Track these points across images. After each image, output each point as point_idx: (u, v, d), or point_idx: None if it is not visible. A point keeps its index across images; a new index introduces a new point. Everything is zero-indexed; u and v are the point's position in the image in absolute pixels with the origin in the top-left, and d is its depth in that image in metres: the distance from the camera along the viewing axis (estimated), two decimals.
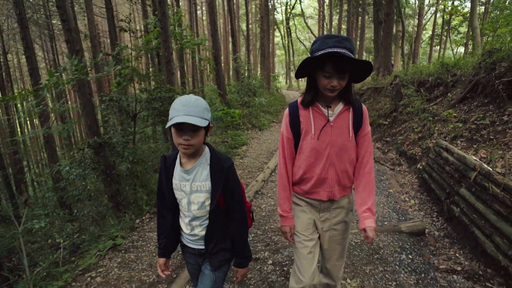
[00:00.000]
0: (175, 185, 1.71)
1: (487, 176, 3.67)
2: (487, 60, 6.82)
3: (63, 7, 4.59)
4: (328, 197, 1.89)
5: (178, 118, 1.48)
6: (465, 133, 5.91)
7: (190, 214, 1.71)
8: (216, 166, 1.67)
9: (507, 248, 2.94)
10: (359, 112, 1.84)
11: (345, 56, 1.55)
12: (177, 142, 1.57)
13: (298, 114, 1.85)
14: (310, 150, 1.84)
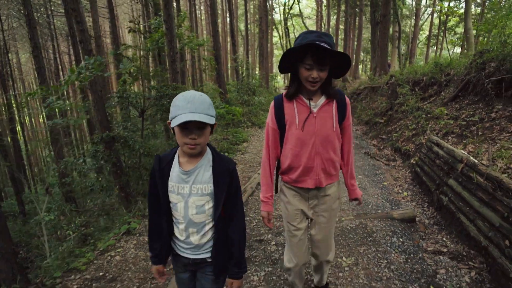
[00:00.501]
0: (171, 187, 1.59)
1: (473, 167, 3.98)
2: (478, 61, 7.16)
3: (78, 10, 4.87)
4: (315, 185, 1.99)
5: (185, 116, 1.40)
6: (455, 130, 6.22)
7: (186, 220, 1.58)
8: (220, 167, 1.58)
9: (488, 230, 3.25)
10: (342, 103, 1.94)
11: (324, 49, 1.64)
12: (182, 141, 1.48)
13: (282, 106, 1.94)
14: (295, 140, 1.93)
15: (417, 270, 3.11)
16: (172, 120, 1.44)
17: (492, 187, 3.45)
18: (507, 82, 5.90)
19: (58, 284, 2.90)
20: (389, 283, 2.86)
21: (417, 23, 29.04)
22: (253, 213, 4.40)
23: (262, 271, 2.96)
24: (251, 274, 2.94)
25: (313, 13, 47.00)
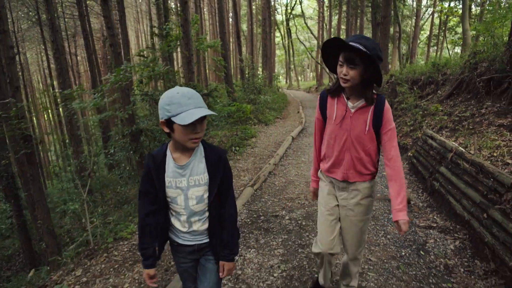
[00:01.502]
0: (168, 183, 1.62)
1: (460, 155, 4.54)
2: (471, 61, 7.71)
3: (108, 16, 5.46)
4: (342, 178, 2.09)
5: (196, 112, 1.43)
6: (449, 124, 6.77)
7: (187, 211, 1.65)
8: (212, 157, 1.65)
9: (470, 207, 3.82)
10: (379, 110, 1.95)
11: (356, 49, 1.74)
12: (187, 138, 1.51)
13: (326, 101, 2.11)
14: (330, 133, 2.08)
15: (409, 240, 3.68)
16: (173, 118, 1.44)
17: (475, 171, 4.01)
18: (495, 81, 6.43)
19: (111, 248, 3.49)
20: (386, 247, 3.43)
21: (418, 23, 29.48)
22: (267, 195, 4.99)
23: (280, 238, 3.55)
24: (270, 240, 3.53)
25: (315, 13, 47.50)
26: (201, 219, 1.67)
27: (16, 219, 7.36)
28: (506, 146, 4.61)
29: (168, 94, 1.48)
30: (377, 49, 1.78)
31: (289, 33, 38.35)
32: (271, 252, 3.30)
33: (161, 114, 1.48)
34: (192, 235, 1.70)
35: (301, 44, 45.81)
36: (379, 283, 2.83)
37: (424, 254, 3.41)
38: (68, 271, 3.16)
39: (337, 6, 30.79)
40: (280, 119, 13.22)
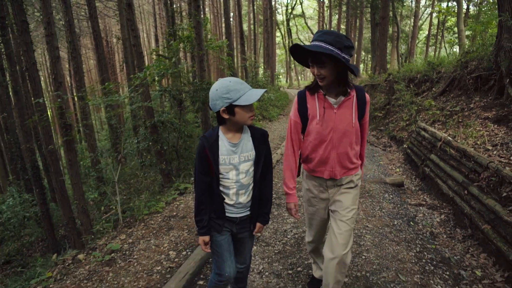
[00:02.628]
0: (222, 160, 1.81)
1: (448, 143, 5.14)
2: (462, 60, 8.30)
3: (132, 20, 6.03)
4: (329, 176, 2.09)
5: (254, 92, 1.71)
6: (441, 118, 7.35)
7: (238, 184, 1.86)
8: (257, 135, 1.87)
9: (454, 186, 4.41)
10: (362, 101, 2.01)
11: (318, 47, 1.76)
12: (247, 116, 1.75)
13: (306, 101, 2.05)
14: (315, 134, 2.03)
15: (401, 213, 4.28)
16: (235, 102, 1.68)
17: (459, 156, 4.61)
18: (483, 78, 7.01)
19: (146, 219, 4.09)
20: (381, 218, 4.04)
21: (416, 23, 29.96)
22: (276, 179, 5.62)
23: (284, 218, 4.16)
24: (282, 212, 4.15)
25: (315, 13, 48.06)
26: (247, 192, 1.90)
27: (40, 207, 7.94)
28: (489, 135, 5.19)
29: (222, 85, 1.70)
30: (341, 41, 1.76)
31: (290, 33, 38.87)
32: (284, 221, 3.91)
33: (220, 103, 1.69)
34: (236, 207, 1.91)
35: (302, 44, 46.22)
36: (374, 242, 3.42)
37: (413, 224, 4.00)
38: (113, 237, 3.75)
39: (337, 6, 31.32)
40: (283, 116, 13.84)
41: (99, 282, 2.80)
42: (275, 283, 2.71)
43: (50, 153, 6.19)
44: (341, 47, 1.75)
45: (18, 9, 5.54)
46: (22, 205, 8.85)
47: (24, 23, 5.64)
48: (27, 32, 5.88)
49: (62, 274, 3.09)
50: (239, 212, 1.92)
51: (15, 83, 7.96)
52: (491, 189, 3.71)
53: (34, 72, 5.86)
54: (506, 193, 3.44)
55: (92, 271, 2.99)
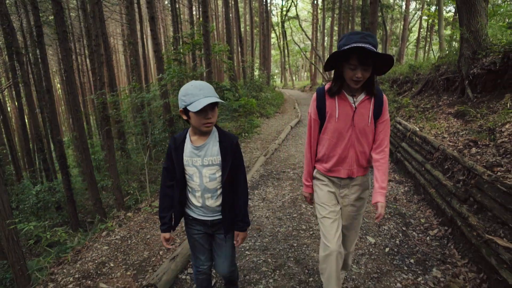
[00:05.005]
0: (186, 161, 1.87)
1: (414, 133, 6.35)
2: (436, 64, 9.56)
3: (155, 30, 7.16)
4: (347, 175, 2.09)
5: (205, 100, 1.67)
6: (415, 114, 8.56)
7: (202, 187, 1.89)
8: (226, 142, 1.88)
9: (416, 165, 5.62)
10: (379, 101, 2.01)
11: (367, 50, 1.71)
12: (200, 123, 1.75)
13: (324, 100, 2.04)
14: (333, 131, 2.03)
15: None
16: (187, 107, 1.71)
17: (421, 142, 5.82)
18: (450, 80, 8.24)
19: None
20: None
21: (406, 26, 31.13)
22: (275, 162, 6.84)
23: (287, 182, 5.37)
24: (281, 183, 5.33)
25: (309, 15, 49.30)
26: (213, 196, 1.92)
27: (66, 192, 9.03)
28: (448, 127, 6.41)
29: (184, 87, 1.76)
30: (377, 43, 1.79)
31: (284, 34, 39.99)
32: (282, 188, 5.11)
33: (180, 104, 1.77)
34: (206, 210, 1.95)
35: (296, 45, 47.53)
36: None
37: None
38: (152, 201, 4.91)
39: (331, 9, 32.54)
40: (279, 113, 15.03)
41: (153, 224, 3.96)
42: (277, 223, 3.90)
43: (82, 143, 7.28)
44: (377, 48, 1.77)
45: (60, 21, 6.61)
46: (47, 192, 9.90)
47: (64, 33, 6.72)
48: (67, 40, 6.96)
49: (120, 224, 4.24)
50: (209, 215, 1.96)
51: (47, 82, 9.01)
52: (438, 164, 4.93)
53: (71, 73, 6.94)
54: (447, 166, 4.66)
55: (146, 218, 4.15)
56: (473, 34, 6.96)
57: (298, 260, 3.11)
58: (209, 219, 1.97)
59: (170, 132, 7.24)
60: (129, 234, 3.81)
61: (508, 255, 2.65)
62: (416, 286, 2.81)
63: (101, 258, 3.29)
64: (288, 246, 3.38)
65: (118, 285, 2.81)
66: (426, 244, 3.61)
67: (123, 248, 3.49)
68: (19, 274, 4.62)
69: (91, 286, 2.82)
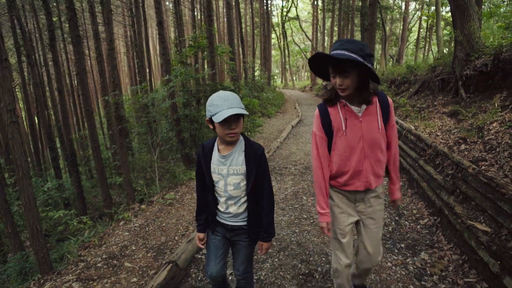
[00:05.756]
0: (213, 169, 1.93)
1: (409, 131, 6.71)
2: (432, 65, 9.92)
3: (162, 34, 7.52)
4: (365, 187, 2.01)
5: (227, 111, 1.70)
6: (412, 114, 8.92)
7: (226, 194, 1.94)
8: (250, 152, 1.91)
9: (410, 161, 5.99)
10: (385, 105, 1.97)
11: (336, 58, 1.71)
12: (224, 133, 1.79)
13: (328, 113, 1.97)
14: (344, 146, 1.95)
15: None
16: (212, 117, 1.75)
17: (415, 139, 6.19)
18: (445, 81, 8.59)
19: (186, 182, 5.61)
20: None
21: (405, 27, 31.50)
22: (278, 159, 7.19)
23: (289, 177, 5.75)
24: (284, 178, 5.70)
25: (309, 16, 49.65)
26: (237, 204, 1.98)
27: (76, 189, 9.40)
28: (441, 125, 6.76)
29: (212, 97, 1.81)
30: (363, 49, 1.73)
31: (285, 35, 40.35)
32: (285, 183, 5.48)
33: (206, 113, 1.81)
34: (226, 215, 2.02)
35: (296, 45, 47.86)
36: None
37: None
38: (163, 194, 5.27)
39: (331, 10, 32.87)
40: (280, 113, 15.41)
41: (167, 213, 4.33)
42: (280, 213, 4.28)
43: (93, 142, 7.65)
44: (364, 55, 1.71)
45: (74, 26, 6.98)
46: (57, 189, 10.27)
47: (77, 37, 7.09)
48: (79, 44, 7.32)
49: (136, 215, 4.61)
50: (230, 220, 2.02)
51: (59, 84, 9.37)
52: (430, 160, 5.29)
53: (84, 75, 7.31)
54: (438, 162, 5.02)
55: (160, 209, 4.52)
56: (466, 37, 7.30)
57: (300, 243, 3.49)
58: (229, 224, 2.02)
59: (177, 131, 7.63)
60: (146, 222, 4.19)
61: (485, 237, 3.01)
62: (404, 266, 3.17)
63: (124, 242, 3.67)
64: (291, 232, 3.76)
65: (141, 264, 3.18)
66: (416, 232, 3.97)
67: (142, 234, 3.87)
68: (42, 261, 4.99)
69: (117, 265, 3.19)
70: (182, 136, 7.66)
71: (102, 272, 3.07)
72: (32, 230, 4.92)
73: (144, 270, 3.09)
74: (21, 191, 4.84)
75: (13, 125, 4.58)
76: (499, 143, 4.41)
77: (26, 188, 4.79)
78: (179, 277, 2.86)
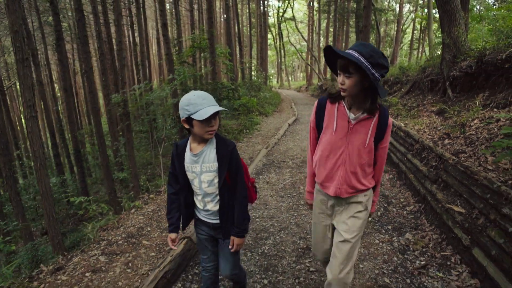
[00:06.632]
0: (186, 167, 1.97)
1: (399, 128, 7.15)
2: (422, 66, 10.39)
3: (166, 35, 7.90)
4: (335, 193, 1.97)
5: (210, 109, 1.76)
6: (403, 112, 9.37)
7: (202, 192, 1.99)
8: (222, 148, 1.94)
9: (399, 155, 6.43)
10: (383, 124, 1.87)
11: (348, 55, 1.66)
12: (204, 130, 1.83)
13: (324, 108, 1.98)
14: (326, 144, 1.96)
15: None
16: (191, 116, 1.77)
17: (404, 136, 6.63)
18: (434, 81, 9.05)
19: None
20: None
21: (399, 29, 32.08)
22: (276, 153, 7.62)
23: (287, 169, 6.16)
24: (282, 170, 6.12)
25: (304, 17, 50.14)
26: (213, 201, 2.02)
27: (80, 184, 9.75)
28: (429, 123, 7.21)
29: (187, 97, 1.80)
30: (376, 56, 1.66)
31: (281, 35, 40.76)
32: (283, 174, 5.90)
33: (182, 113, 1.81)
34: (206, 213, 2.06)
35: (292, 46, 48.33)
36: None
37: None
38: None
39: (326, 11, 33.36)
40: (276, 112, 15.83)
41: None
42: (280, 200, 4.70)
43: (99, 138, 8.01)
44: (373, 63, 1.65)
45: (82, 27, 7.34)
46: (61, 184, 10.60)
47: (85, 37, 7.45)
48: (87, 44, 7.68)
49: (146, 203, 5.00)
50: (210, 218, 2.07)
51: (65, 82, 9.69)
52: (417, 153, 5.73)
53: (91, 74, 7.67)
54: (424, 155, 5.46)
55: None
56: (453, 40, 7.76)
57: (299, 224, 3.91)
58: (210, 221, 2.06)
59: (180, 127, 8.01)
60: (158, 208, 4.58)
61: (460, 217, 3.45)
62: (390, 243, 3.60)
63: (139, 224, 4.06)
64: (290, 215, 4.18)
65: (157, 242, 3.58)
66: (402, 217, 4.40)
67: (155, 218, 4.26)
68: (58, 247, 5.36)
69: (136, 243, 3.58)
70: (184, 133, 8.04)
71: (123, 248, 3.46)
72: (48, 217, 5.29)
73: (161, 247, 3.48)
74: (39, 180, 5.21)
75: (32, 119, 4.95)
76: (478, 137, 4.86)
77: (44, 178, 5.16)
78: (194, 250, 3.28)
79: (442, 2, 7.73)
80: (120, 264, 3.13)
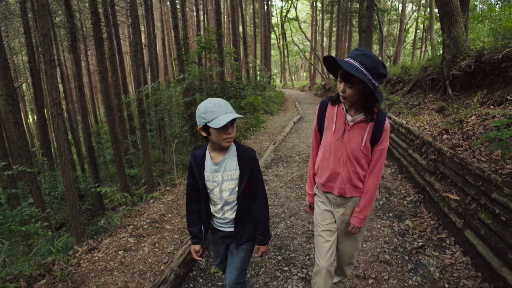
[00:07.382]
0: (207, 177, 1.95)
1: (401, 125, 7.48)
2: (424, 65, 10.69)
3: (178, 37, 8.26)
4: (339, 193, 2.05)
5: (226, 117, 1.73)
6: (404, 110, 9.69)
7: (222, 201, 1.97)
8: (243, 156, 1.94)
9: (401, 151, 6.76)
10: (379, 128, 1.92)
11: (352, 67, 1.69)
12: (221, 138, 1.81)
13: (325, 109, 2.06)
14: (328, 145, 2.03)
15: None
16: (208, 123, 1.76)
17: (406, 132, 6.96)
18: (435, 80, 9.36)
19: None
20: None
21: (402, 28, 32.27)
22: (283, 149, 7.95)
23: (294, 163, 6.52)
24: (289, 165, 6.46)
25: (308, 17, 50.41)
26: (232, 209, 1.99)
27: (93, 180, 10.14)
28: (430, 120, 7.52)
29: (203, 105, 1.81)
30: (377, 67, 1.70)
31: (284, 35, 41.04)
32: (291, 168, 6.25)
33: (199, 121, 1.81)
34: (224, 221, 2.03)
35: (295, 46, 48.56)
36: None
37: None
38: (185, 178, 6.02)
39: (329, 12, 33.63)
40: (281, 111, 16.20)
41: None
42: (289, 190, 5.06)
43: (113, 135, 8.38)
44: (375, 73, 1.70)
45: (97, 30, 7.71)
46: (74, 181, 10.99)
47: (100, 39, 7.82)
48: (102, 46, 8.05)
49: (164, 194, 5.36)
50: (227, 226, 2.05)
51: (79, 82, 10.07)
52: (418, 148, 6.07)
53: (106, 74, 8.05)
54: (424, 150, 5.79)
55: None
56: (452, 40, 8.08)
57: (307, 211, 4.26)
58: (226, 229, 2.05)
59: (191, 125, 8.38)
60: (176, 197, 4.96)
61: (455, 204, 3.79)
62: (391, 227, 3.95)
63: (161, 212, 4.43)
64: (298, 204, 4.54)
65: (179, 226, 3.95)
66: (403, 206, 4.74)
67: (175, 206, 4.63)
68: (80, 236, 5.74)
69: (160, 227, 3.95)
70: (195, 130, 8.42)
71: (149, 231, 3.83)
72: (71, 208, 5.66)
73: (183, 230, 3.85)
74: (63, 173, 5.58)
75: (58, 116, 5.32)
76: (474, 132, 5.18)
77: (68, 171, 5.53)
78: None
79: (442, 3, 8.04)
80: (148, 244, 3.49)
